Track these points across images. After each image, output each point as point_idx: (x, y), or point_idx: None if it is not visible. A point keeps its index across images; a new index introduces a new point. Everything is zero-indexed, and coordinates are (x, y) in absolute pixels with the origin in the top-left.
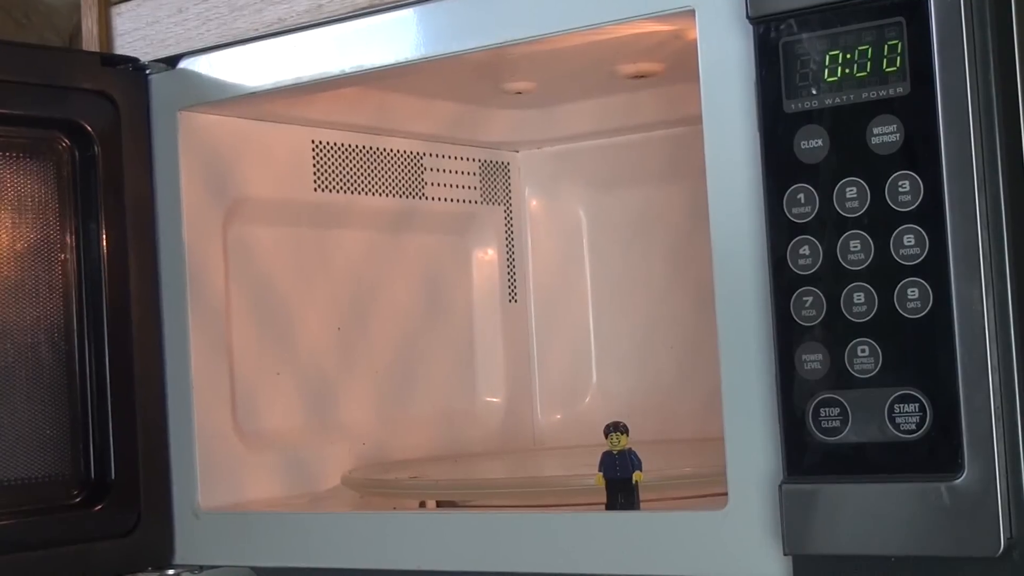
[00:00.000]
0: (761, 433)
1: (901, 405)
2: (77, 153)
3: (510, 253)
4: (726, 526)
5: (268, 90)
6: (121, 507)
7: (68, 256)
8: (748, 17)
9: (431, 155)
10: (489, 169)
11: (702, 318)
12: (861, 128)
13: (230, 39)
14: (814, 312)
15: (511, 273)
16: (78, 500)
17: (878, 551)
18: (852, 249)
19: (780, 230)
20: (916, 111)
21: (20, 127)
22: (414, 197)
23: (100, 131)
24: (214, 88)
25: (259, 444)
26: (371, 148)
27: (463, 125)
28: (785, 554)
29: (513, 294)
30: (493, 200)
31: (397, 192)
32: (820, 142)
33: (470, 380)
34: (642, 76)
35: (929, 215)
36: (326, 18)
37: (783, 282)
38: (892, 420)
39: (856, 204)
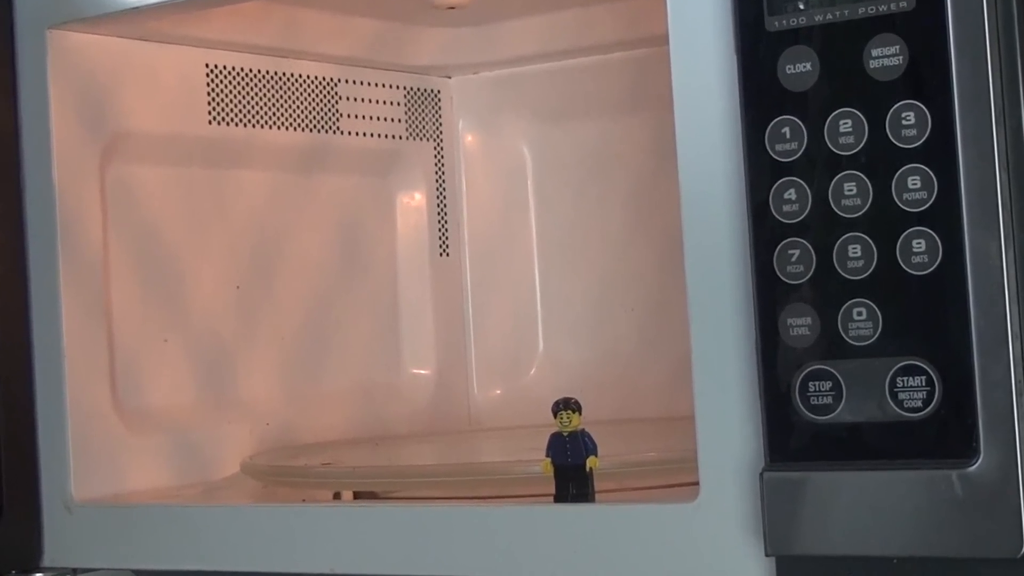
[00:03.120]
0: (738, 411)
1: (905, 378)
2: None
3: (441, 198)
4: (697, 521)
5: (154, 4)
6: None
7: None
8: None
9: (347, 81)
10: (416, 98)
11: (668, 275)
12: (857, 50)
13: None
14: (801, 268)
15: (442, 222)
16: None
17: (877, 552)
18: (847, 193)
19: (761, 171)
20: (922, 29)
21: None
22: (327, 131)
23: None
24: (89, 2)
25: (144, 424)
26: (276, 73)
27: (385, 46)
28: (767, 555)
29: (445, 247)
30: (421, 135)
31: (307, 125)
32: (809, 66)
33: (394, 349)
34: None
35: (937, 152)
36: None
37: (765, 232)
38: (894, 396)
39: (851, 140)
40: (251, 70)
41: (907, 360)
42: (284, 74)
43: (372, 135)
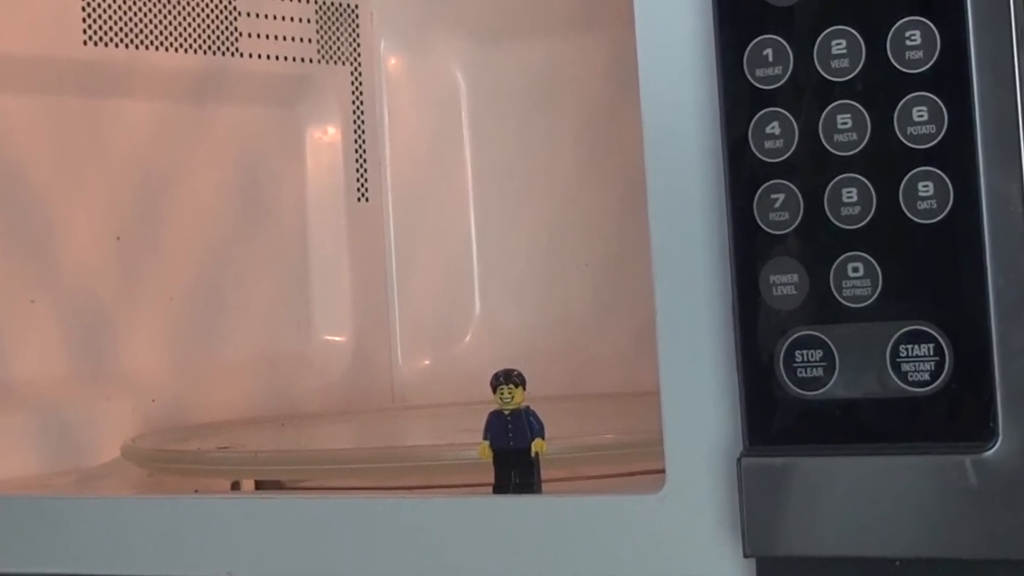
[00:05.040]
0: (712, 385)
1: (909, 346)
2: None
3: (359, 133)
4: (662, 516)
5: None
6: None
7: None
8: None
9: None
10: (329, 14)
11: (628, 224)
12: None
13: None
14: (787, 215)
15: (361, 161)
16: None
17: (876, 552)
18: (840, 126)
19: (739, 100)
20: None
21: None
22: (224, 53)
23: None
24: None
25: (6, 401)
26: None
27: None
28: (746, 556)
29: (363, 191)
30: (335, 58)
31: (200, 46)
32: None
33: (303, 311)
34: None
35: (948, 78)
36: None
37: (743, 173)
38: (896, 367)
39: (846, 63)
40: None
41: (912, 325)
42: None
43: (277, 58)
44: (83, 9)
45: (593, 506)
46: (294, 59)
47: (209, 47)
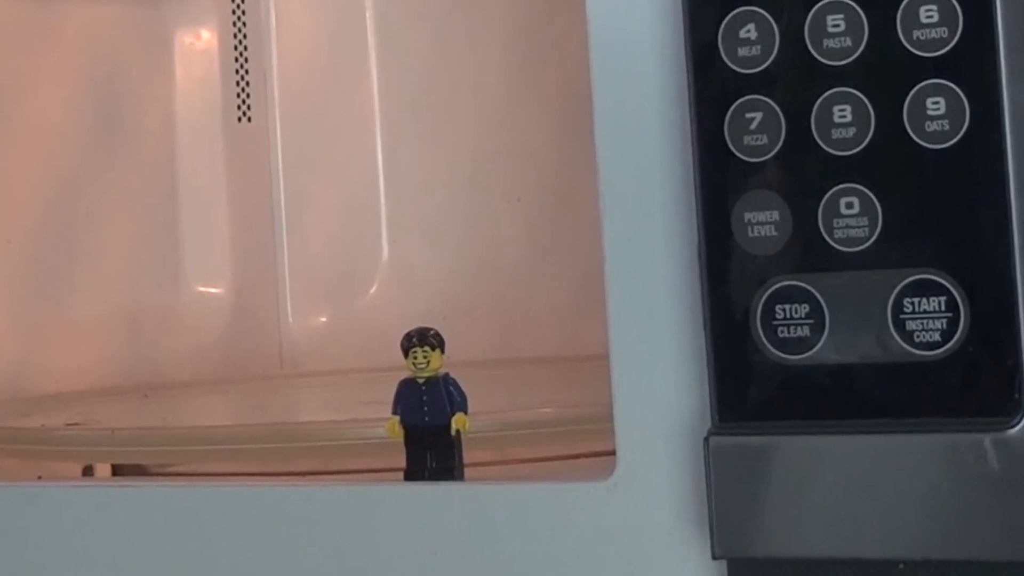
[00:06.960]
0: (672, 348)
1: (915, 300)
2: None
3: (240, 38)
4: (612, 507)
5: None
6: None
7: None
8: None
9: None
10: None
11: (570, 150)
12: None
13: None
14: (765, 139)
15: (241, 72)
16: None
17: (875, 553)
18: (831, 29)
19: None
20: None
21: None
22: None
23: None
24: None
25: None
26: None
27: None
28: (715, 557)
29: (245, 108)
30: None
31: None
32: None
33: (172, 257)
34: None
35: None
36: None
37: (712, 86)
38: (900, 325)
39: None
40: None
41: (919, 273)
42: None
43: None
44: None
45: (527, 496)
46: None
47: None
